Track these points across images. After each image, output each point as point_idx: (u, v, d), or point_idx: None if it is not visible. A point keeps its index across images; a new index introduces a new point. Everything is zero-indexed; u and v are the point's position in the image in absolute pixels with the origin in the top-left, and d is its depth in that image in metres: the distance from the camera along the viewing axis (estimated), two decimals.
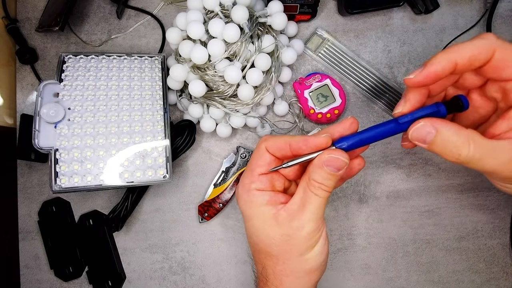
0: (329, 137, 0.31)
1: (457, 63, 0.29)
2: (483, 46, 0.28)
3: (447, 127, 0.29)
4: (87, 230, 0.48)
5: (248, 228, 0.34)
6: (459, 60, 0.29)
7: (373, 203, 0.48)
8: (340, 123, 0.32)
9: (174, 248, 0.48)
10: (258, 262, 0.35)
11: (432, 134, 0.29)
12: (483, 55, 0.28)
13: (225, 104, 0.43)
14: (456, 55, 0.29)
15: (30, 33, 0.51)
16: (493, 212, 0.48)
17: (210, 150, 0.49)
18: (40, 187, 0.49)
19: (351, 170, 0.35)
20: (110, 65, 0.44)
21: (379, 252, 0.48)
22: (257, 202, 0.33)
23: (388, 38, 0.50)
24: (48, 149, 0.40)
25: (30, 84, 0.50)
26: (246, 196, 0.33)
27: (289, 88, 0.50)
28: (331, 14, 0.51)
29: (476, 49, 0.28)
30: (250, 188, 0.33)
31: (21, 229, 0.49)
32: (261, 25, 0.43)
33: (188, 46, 0.40)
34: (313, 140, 0.31)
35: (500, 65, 0.29)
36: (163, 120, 0.44)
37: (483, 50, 0.28)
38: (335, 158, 0.30)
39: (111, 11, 0.52)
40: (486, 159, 0.28)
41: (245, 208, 0.34)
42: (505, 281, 0.47)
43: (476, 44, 0.29)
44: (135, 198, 0.46)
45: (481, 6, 0.50)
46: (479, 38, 0.29)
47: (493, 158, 0.28)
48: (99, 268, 0.48)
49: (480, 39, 0.29)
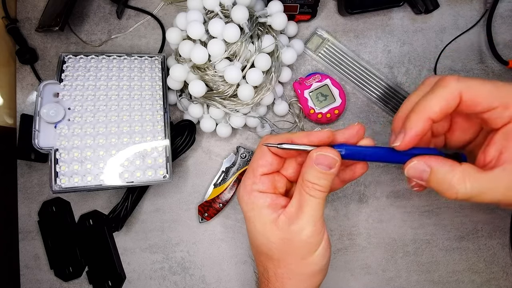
0: (331, 132, 0.31)
1: (432, 119, 0.29)
2: (448, 96, 0.29)
3: (440, 165, 0.28)
4: (87, 230, 0.48)
5: (250, 230, 0.34)
6: (432, 116, 0.29)
7: (373, 203, 0.48)
8: (347, 129, 0.32)
9: (174, 248, 0.48)
10: (259, 264, 0.35)
11: (427, 172, 0.29)
12: (451, 103, 0.29)
13: (225, 104, 0.43)
14: (427, 112, 0.29)
15: (30, 33, 0.51)
16: (493, 212, 0.48)
17: (210, 150, 0.49)
18: (40, 187, 0.49)
19: (354, 173, 0.35)
20: (110, 65, 0.44)
21: (379, 252, 0.48)
22: (258, 204, 0.33)
23: (388, 38, 0.50)
24: (48, 149, 0.40)
25: (30, 84, 0.50)
26: (248, 197, 0.33)
27: (289, 88, 0.50)
28: (331, 14, 0.51)
29: (443, 101, 0.29)
30: (252, 189, 0.33)
31: (21, 229, 0.49)
32: (261, 25, 0.43)
33: (188, 46, 0.40)
34: (315, 134, 0.31)
35: (471, 104, 0.29)
36: (163, 120, 0.44)
37: (449, 99, 0.29)
38: (324, 155, 0.30)
39: (111, 11, 0.52)
40: (485, 193, 0.28)
41: (246, 210, 0.34)
42: (505, 281, 0.47)
43: (440, 95, 0.29)
44: (135, 198, 0.46)
45: (481, 6, 0.50)
46: (440, 87, 0.29)
47: (491, 190, 0.28)
48: (99, 268, 0.48)
49: (442, 89, 0.29)
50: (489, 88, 0.28)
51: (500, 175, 0.28)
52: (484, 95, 0.28)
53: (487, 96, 0.28)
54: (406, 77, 0.50)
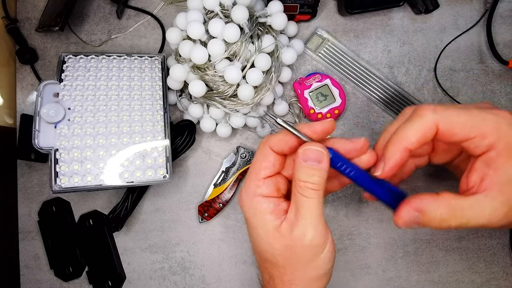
0: (334, 122, 0.31)
1: (409, 149, 0.30)
2: (424, 126, 0.29)
3: (429, 205, 0.30)
4: (87, 230, 0.48)
5: (253, 236, 0.33)
6: (409, 146, 0.30)
7: (373, 203, 0.48)
8: (352, 142, 0.31)
9: (174, 248, 0.48)
10: (264, 271, 0.34)
11: (419, 217, 0.30)
12: (427, 133, 0.29)
13: (225, 104, 0.43)
14: (404, 143, 0.30)
15: (30, 33, 0.51)
16: None
17: (210, 150, 0.49)
18: (40, 187, 0.49)
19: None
20: (110, 65, 0.44)
21: (379, 252, 0.48)
22: (262, 209, 0.31)
23: (388, 38, 0.50)
24: (48, 149, 0.40)
25: (30, 84, 0.50)
26: (250, 202, 0.32)
27: (289, 88, 0.50)
28: (331, 14, 0.51)
29: (419, 132, 0.29)
30: (255, 194, 0.32)
31: (21, 229, 0.49)
32: (261, 25, 0.43)
33: (188, 46, 0.40)
34: (319, 124, 0.30)
35: (448, 135, 0.29)
36: (163, 120, 0.44)
37: (426, 129, 0.29)
38: (310, 149, 0.29)
39: (111, 11, 0.52)
40: (473, 220, 0.29)
41: (249, 215, 0.32)
42: (505, 281, 0.47)
43: (417, 126, 0.29)
44: (135, 198, 0.46)
45: (481, 6, 0.50)
46: (417, 116, 0.30)
47: (477, 217, 0.29)
48: (99, 268, 0.48)
49: (418, 119, 0.29)
50: (464, 119, 0.29)
51: (482, 200, 0.29)
52: (460, 126, 0.29)
53: (463, 127, 0.29)
54: (406, 77, 0.50)
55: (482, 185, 0.29)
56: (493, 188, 0.28)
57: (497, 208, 0.28)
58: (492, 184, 0.29)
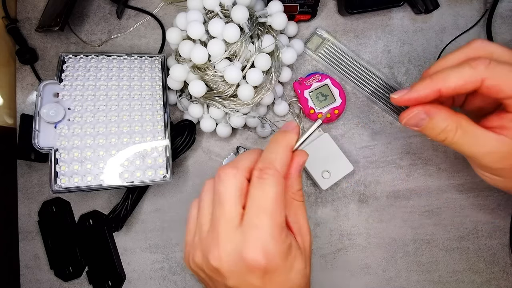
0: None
1: (441, 91, 0.30)
2: (470, 78, 0.29)
3: (439, 114, 0.30)
4: (87, 230, 0.48)
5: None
6: (443, 89, 0.30)
7: (373, 203, 0.48)
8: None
9: (174, 248, 0.48)
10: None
11: (425, 120, 0.31)
12: (469, 85, 0.29)
13: (225, 104, 0.43)
14: (441, 84, 0.30)
15: (30, 33, 0.51)
16: (493, 212, 0.48)
17: (210, 150, 0.49)
18: (40, 187, 0.49)
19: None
20: (110, 65, 0.44)
21: (379, 252, 0.48)
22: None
23: (388, 38, 0.50)
24: (48, 149, 0.40)
25: (30, 84, 0.50)
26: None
27: (289, 88, 0.50)
28: (331, 14, 0.51)
29: (462, 80, 0.29)
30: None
31: (21, 229, 0.49)
32: (261, 25, 0.43)
33: (188, 46, 0.40)
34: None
35: (493, 90, 0.29)
36: (163, 120, 0.44)
37: (470, 81, 0.29)
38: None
39: (111, 11, 0.52)
40: (468, 144, 0.30)
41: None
42: (505, 281, 0.47)
43: (463, 74, 0.29)
44: (135, 198, 0.46)
45: (481, 6, 0.50)
46: (468, 67, 0.29)
47: (475, 145, 0.30)
48: (99, 268, 0.48)
49: (469, 69, 0.29)
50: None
51: (491, 137, 0.30)
52: (509, 85, 0.29)
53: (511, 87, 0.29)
54: (406, 77, 0.50)
55: (500, 131, 0.30)
56: (508, 136, 0.29)
57: (500, 151, 0.30)
58: (509, 134, 0.29)
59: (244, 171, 0.28)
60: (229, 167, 0.28)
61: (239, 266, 0.26)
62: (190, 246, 0.31)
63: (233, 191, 0.27)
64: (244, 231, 0.26)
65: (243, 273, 0.26)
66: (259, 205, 0.26)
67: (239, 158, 0.30)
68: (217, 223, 0.27)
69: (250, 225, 0.26)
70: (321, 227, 0.48)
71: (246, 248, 0.25)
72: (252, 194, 0.27)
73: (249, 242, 0.26)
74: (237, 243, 0.26)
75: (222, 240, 0.27)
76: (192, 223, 0.31)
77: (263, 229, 0.26)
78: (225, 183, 0.27)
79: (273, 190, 0.26)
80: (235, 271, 0.26)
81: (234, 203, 0.27)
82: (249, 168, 0.29)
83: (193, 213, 0.32)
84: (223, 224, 0.27)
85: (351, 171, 0.46)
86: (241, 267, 0.26)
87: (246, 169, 0.28)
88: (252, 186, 0.27)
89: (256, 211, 0.26)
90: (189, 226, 0.32)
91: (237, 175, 0.28)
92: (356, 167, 0.48)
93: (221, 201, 0.27)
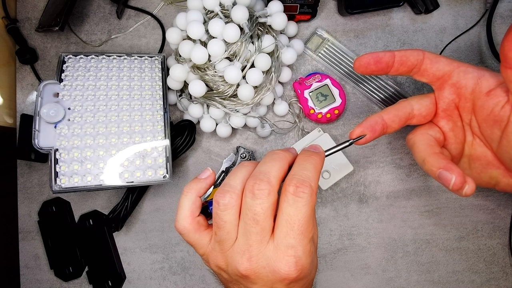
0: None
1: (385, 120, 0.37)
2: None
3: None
4: (87, 230, 0.48)
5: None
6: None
7: (373, 203, 0.48)
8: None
9: (174, 248, 0.48)
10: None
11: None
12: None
13: (225, 104, 0.43)
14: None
15: (30, 33, 0.51)
16: (493, 212, 0.48)
17: (210, 150, 0.49)
18: (40, 187, 0.49)
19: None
20: (110, 65, 0.44)
21: (379, 252, 0.48)
22: None
23: (388, 38, 0.50)
24: (48, 149, 0.40)
25: (30, 84, 0.50)
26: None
27: (289, 88, 0.50)
28: (331, 14, 0.51)
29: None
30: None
31: (21, 229, 0.49)
32: (261, 25, 0.43)
33: (188, 46, 0.40)
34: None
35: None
36: (163, 120, 0.44)
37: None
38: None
39: (111, 11, 0.52)
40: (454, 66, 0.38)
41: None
42: (505, 281, 0.47)
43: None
44: (135, 198, 0.46)
45: (481, 6, 0.50)
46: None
47: (463, 72, 0.38)
48: (99, 268, 0.48)
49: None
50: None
51: (486, 74, 0.37)
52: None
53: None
54: (406, 77, 0.50)
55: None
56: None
57: (482, 84, 0.36)
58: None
59: (277, 185, 0.28)
60: (263, 182, 0.27)
61: (270, 277, 0.27)
62: (211, 251, 0.31)
63: (269, 210, 0.27)
64: (278, 249, 0.27)
65: (273, 281, 0.28)
66: (292, 223, 0.27)
67: (267, 168, 0.29)
68: (248, 235, 0.28)
69: (284, 244, 0.27)
70: (321, 227, 0.48)
71: (280, 264, 0.27)
72: (286, 211, 0.27)
73: (282, 260, 0.27)
74: (270, 258, 0.27)
75: (254, 253, 0.28)
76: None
77: (296, 248, 0.27)
78: (262, 204, 0.27)
79: (307, 209, 0.27)
80: (265, 279, 0.28)
81: (268, 219, 0.28)
82: (281, 178, 0.29)
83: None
84: (255, 238, 0.27)
85: (351, 171, 0.46)
86: (272, 278, 0.27)
87: (278, 183, 0.28)
88: (285, 202, 0.27)
89: (289, 230, 0.27)
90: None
91: (271, 193, 0.27)
92: (356, 167, 0.48)
93: (257, 220, 0.27)
